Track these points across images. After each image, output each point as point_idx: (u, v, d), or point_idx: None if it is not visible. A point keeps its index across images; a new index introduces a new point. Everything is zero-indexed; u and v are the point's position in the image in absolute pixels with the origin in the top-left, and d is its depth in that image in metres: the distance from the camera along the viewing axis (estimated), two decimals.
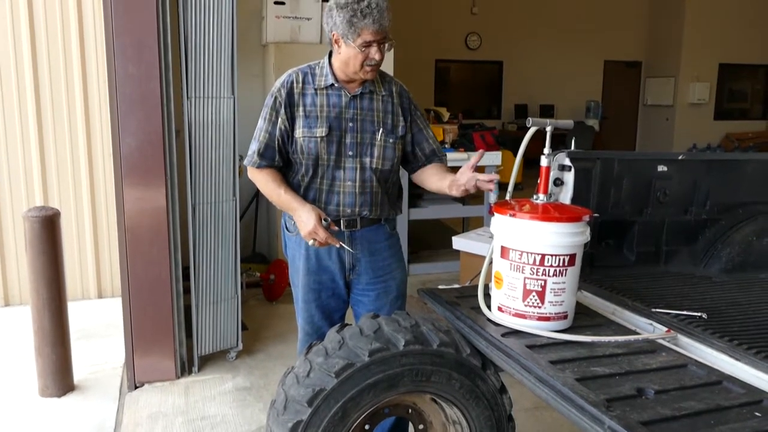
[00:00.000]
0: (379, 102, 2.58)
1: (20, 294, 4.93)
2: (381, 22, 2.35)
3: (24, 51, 4.74)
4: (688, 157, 3.05)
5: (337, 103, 2.53)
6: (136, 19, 3.42)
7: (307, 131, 2.52)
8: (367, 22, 2.34)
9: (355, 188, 2.57)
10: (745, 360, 1.97)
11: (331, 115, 2.52)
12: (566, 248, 2.15)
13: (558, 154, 2.77)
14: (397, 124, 2.61)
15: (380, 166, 2.58)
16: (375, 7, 2.34)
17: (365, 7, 2.33)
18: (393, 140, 2.59)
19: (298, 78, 2.55)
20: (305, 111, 2.53)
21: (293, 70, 2.60)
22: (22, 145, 4.83)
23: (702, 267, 3.02)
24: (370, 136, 2.56)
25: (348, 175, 2.56)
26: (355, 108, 2.54)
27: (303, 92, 2.53)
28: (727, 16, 14.38)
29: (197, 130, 3.68)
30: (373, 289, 2.70)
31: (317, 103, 2.52)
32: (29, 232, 3.39)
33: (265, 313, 5.02)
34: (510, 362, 2.01)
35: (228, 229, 3.89)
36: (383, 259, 2.71)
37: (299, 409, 2.04)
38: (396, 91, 2.63)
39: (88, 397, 3.60)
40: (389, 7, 2.39)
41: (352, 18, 2.35)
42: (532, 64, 14.47)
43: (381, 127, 2.57)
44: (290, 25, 5.56)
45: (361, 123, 2.54)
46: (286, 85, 2.54)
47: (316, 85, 2.53)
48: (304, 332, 2.74)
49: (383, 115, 2.58)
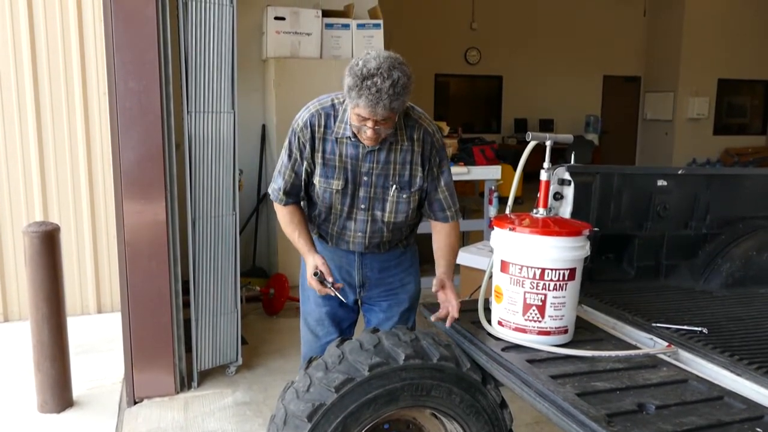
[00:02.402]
0: (398, 153, 2.47)
1: (20, 309, 4.92)
2: (375, 108, 2.19)
3: (25, 66, 4.75)
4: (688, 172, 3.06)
5: (354, 155, 2.45)
6: (136, 33, 3.43)
7: (324, 181, 2.49)
8: (361, 101, 2.20)
9: (365, 238, 2.59)
10: (746, 375, 1.97)
11: (347, 167, 2.47)
12: (566, 262, 2.15)
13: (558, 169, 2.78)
14: (415, 175, 2.51)
15: (392, 219, 2.55)
16: (376, 93, 2.17)
17: (368, 86, 2.17)
18: (407, 195, 2.52)
19: (320, 121, 2.45)
20: (324, 158, 2.48)
21: (315, 107, 2.49)
22: (23, 160, 4.83)
23: (702, 282, 3.01)
24: (382, 191, 2.50)
25: (358, 226, 2.57)
26: (372, 162, 2.46)
27: (324, 138, 2.46)
28: (726, 31, 14.46)
29: (197, 144, 3.69)
30: (385, 300, 2.73)
31: (336, 151, 2.46)
32: (29, 247, 3.38)
33: (264, 327, 5.00)
34: (510, 377, 2.01)
35: (228, 243, 3.88)
36: (394, 275, 2.73)
37: (299, 424, 2.03)
38: (418, 138, 2.48)
39: (88, 413, 3.58)
40: (400, 94, 2.21)
41: (351, 90, 2.21)
42: (531, 78, 14.53)
43: (395, 183, 2.49)
44: (290, 41, 5.59)
45: (376, 177, 2.48)
46: (306, 128, 2.46)
47: (336, 133, 2.45)
48: (313, 335, 2.76)
49: (400, 168, 2.48)
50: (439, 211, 2.60)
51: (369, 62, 2.19)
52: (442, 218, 2.61)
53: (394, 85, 2.18)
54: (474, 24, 13.96)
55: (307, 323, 2.80)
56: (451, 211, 2.61)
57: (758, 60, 15.08)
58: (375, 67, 2.17)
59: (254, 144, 5.99)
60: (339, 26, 5.73)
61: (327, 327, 2.74)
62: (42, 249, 3.38)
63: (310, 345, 2.78)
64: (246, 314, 5.00)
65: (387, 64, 2.19)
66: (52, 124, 4.86)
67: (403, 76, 2.20)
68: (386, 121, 2.28)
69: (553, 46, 14.39)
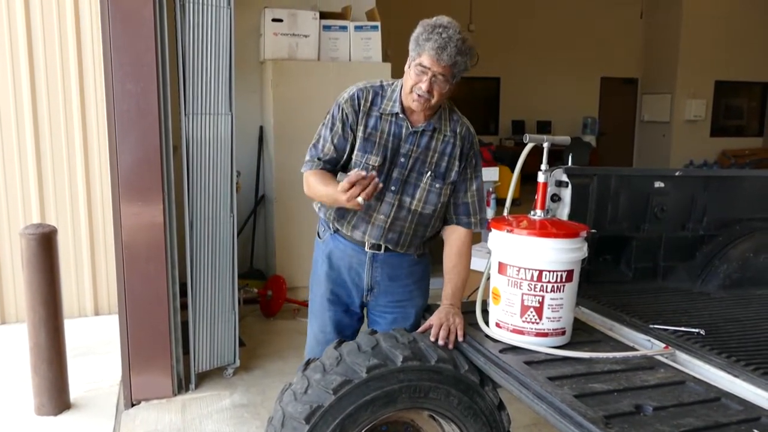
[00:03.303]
0: (439, 142, 2.48)
1: (16, 312, 4.91)
2: (441, 54, 2.26)
3: (22, 68, 4.75)
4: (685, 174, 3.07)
5: (398, 133, 2.45)
6: (134, 35, 3.43)
7: (362, 155, 2.46)
8: (429, 45, 2.26)
9: (386, 223, 2.50)
10: (743, 377, 1.97)
11: (388, 145, 2.45)
12: (564, 264, 2.16)
13: (555, 170, 2.79)
14: (451, 167, 2.50)
15: (420, 209, 2.50)
16: (444, 38, 2.25)
17: (439, 32, 2.26)
18: (440, 185, 2.49)
19: (368, 97, 2.47)
20: (365, 132, 2.45)
21: (364, 84, 2.51)
22: (19, 161, 4.83)
23: (699, 283, 3.02)
24: (416, 176, 2.48)
25: (383, 208, 2.49)
26: (413, 144, 2.46)
27: (369, 112, 2.46)
28: (723, 33, 14.48)
29: (195, 146, 3.68)
30: (391, 313, 2.65)
31: (379, 127, 2.45)
32: (26, 249, 3.38)
33: (262, 329, 4.99)
34: (508, 378, 2.01)
35: (225, 245, 3.88)
36: (404, 286, 2.64)
37: (297, 426, 2.03)
38: (460, 132, 2.53)
39: (85, 416, 3.58)
40: (465, 52, 2.31)
41: (419, 37, 2.30)
42: (529, 80, 14.55)
43: (431, 170, 2.48)
44: (288, 42, 5.59)
45: (413, 161, 2.47)
46: (353, 100, 2.46)
47: (382, 110, 2.45)
48: (316, 340, 2.72)
49: (438, 157, 2.48)
50: (464, 215, 2.56)
51: (441, 18, 2.31)
52: (465, 224, 2.56)
53: (463, 40, 2.29)
54: (471, 26, 13.92)
55: (311, 324, 2.77)
56: (476, 218, 2.57)
57: (755, 62, 15.11)
58: (447, 22, 2.30)
59: (252, 146, 5.98)
60: (336, 28, 5.72)
61: (328, 334, 2.67)
62: (39, 251, 3.37)
63: (312, 349, 2.75)
64: (244, 316, 5.00)
65: (457, 27, 2.31)
66: (49, 126, 4.86)
67: (470, 40, 2.32)
68: (445, 78, 2.32)
69: (551, 48, 14.41)
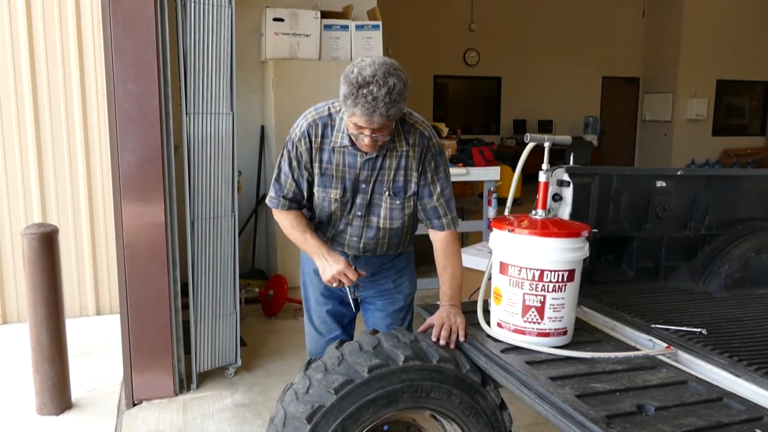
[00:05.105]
0: (394, 158, 2.44)
1: (18, 311, 4.91)
2: (372, 117, 2.16)
3: (23, 68, 4.75)
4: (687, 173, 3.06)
5: (353, 163, 2.43)
6: (135, 35, 3.43)
7: (322, 191, 2.49)
8: (357, 110, 2.16)
9: (360, 243, 2.58)
10: (745, 376, 1.97)
11: (345, 176, 2.45)
12: (565, 264, 2.15)
13: (556, 170, 2.78)
14: (409, 180, 2.47)
15: (388, 225, 2.54)
16: (372, 101, 2.12)
17: (364, 94, 2.13)
18: (400, 201, 2.49)
19: (317, 131, 2.42)
20: (321, 168, 2.46)
21: (312, 116, 2.45)
22: (21, 161, 4.83)
23: (701, 283, 3.02)
24: (378, 196, 2.49)
25: (354, 231, 2.56)
26: (369, 169, 2.44)
27: (321, 147, 2.44)
28: (724, 32, 14.47)
29: (196, 146, 3.68)
30: (380, 299, 2.74)
31: (333, 161, 2.44)
32: (27, 249, 3.38)
33: (263, 329, 4.99)
34: (510, 378, 2.01)
35: (227, 244, 3.88)
36: (387, 277, 2.72)
37: (298, 426, 2.03)
38: (413, 141, 2.43)
39: (86, 415, 3.58)
40: (396, 101, 2.17)
41: (347, 98, 2.17)
42: (530, 79, 14.54)
43: (388, 189, 2.47)
44: (289, 42, 5.59)
45: (373, 184, 2.47)
46: (305, 138, 2.43)
47: (333, 143, 2.42)
48: (317, 332, 2.79)
49: (395, 173, 2.45)
50: (435, 218, 2.53)
51: (364, 70, 2.15)
52: (438, 226, 2.54)
53: (390, 92, 2.13)
54: (473, 25, 13.98)
55: (311, 321, 2.82)
56: (448, 218, 2.53)
57: (757, 61, 15.10)
58: (370, 75, 2.13)
59: (253, 145, 5.99)
60: (338, 27, 5.73)
61: (329, 324, 2.77)
62: (40, 251, 3.38)
63: (314, 342, 2.81)
64: (245, 316, 5.00)
65: (382, 71, 2.14)
66: (50, 126, 4.86)
67: (399, 83, 2.16)
68: (383, 128, 2.25)
69: (552, 47, 14.40)
